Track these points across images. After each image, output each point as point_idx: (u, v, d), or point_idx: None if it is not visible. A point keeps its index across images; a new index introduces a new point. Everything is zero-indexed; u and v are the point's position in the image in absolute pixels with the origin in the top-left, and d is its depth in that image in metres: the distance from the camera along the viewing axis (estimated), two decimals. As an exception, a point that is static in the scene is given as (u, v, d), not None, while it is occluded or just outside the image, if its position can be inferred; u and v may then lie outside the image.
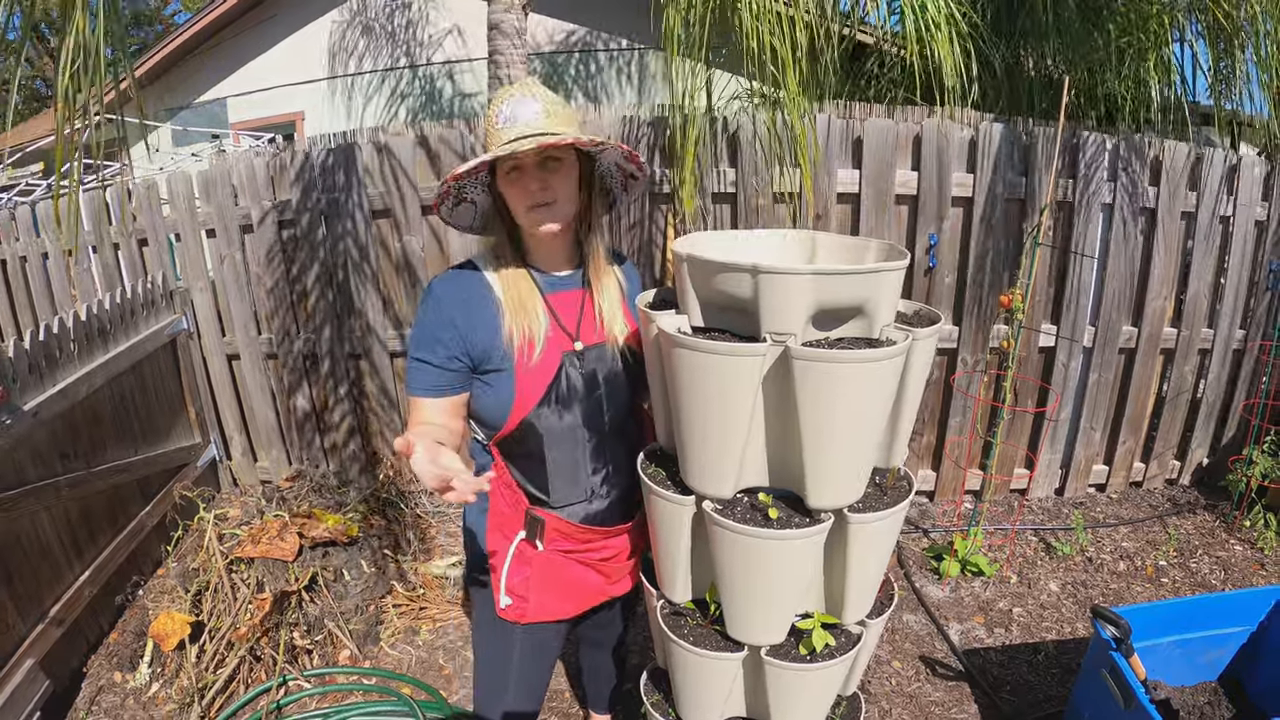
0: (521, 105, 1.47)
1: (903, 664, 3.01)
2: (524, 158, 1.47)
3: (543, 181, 1.49)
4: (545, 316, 1.59)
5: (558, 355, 1.59)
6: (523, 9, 3.18)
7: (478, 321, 1.55)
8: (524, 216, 1.53)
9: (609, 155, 1.60)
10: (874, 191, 3.61)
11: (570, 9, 7.69)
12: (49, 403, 3.02)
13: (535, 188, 1.49)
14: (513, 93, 1.50)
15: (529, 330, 1.56)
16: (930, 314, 1.47)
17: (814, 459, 1.30)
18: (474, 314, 1.56)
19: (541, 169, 1.49)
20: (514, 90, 1.50)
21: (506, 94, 1.50)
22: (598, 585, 1.80)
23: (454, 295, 1.58)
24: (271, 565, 3.10)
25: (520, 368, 1.56)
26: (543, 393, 1.57)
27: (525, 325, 1.55)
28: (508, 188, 1.52)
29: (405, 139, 3.74)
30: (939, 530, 3.90)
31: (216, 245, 4.06)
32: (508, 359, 1.55)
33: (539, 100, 1.49)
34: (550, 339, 1.58)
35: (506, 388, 1.57)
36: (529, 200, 1.50)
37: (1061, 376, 3.93)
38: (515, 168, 1.49)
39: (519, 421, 1.58)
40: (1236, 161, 3.75)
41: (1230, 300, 3.94)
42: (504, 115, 1.47)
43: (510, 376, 1.56)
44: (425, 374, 1.57)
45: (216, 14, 8.62)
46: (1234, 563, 3.56)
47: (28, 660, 2.72)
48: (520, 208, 1.52)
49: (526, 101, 1.48)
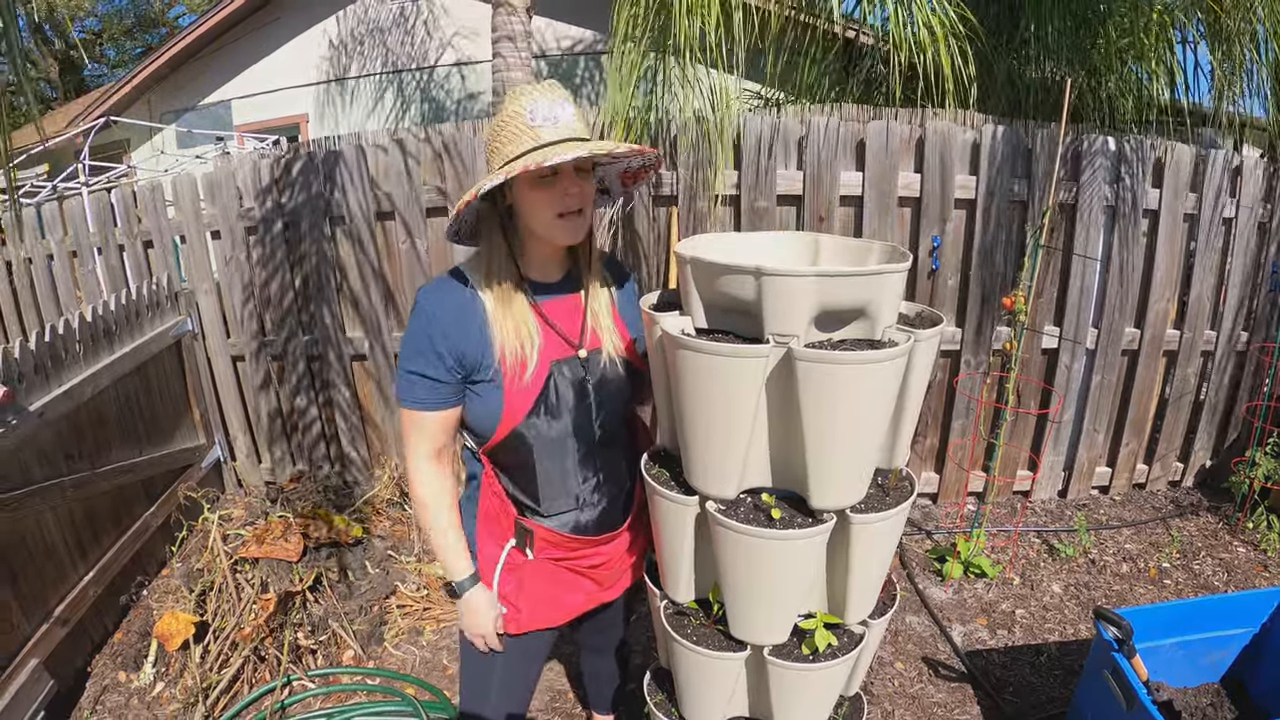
0: (559, 107, 1.41)
1: (905, 665, 3.02)
2: (570, 163, 1.41)
3: (579, 188, 1.45)
4: (539, 330, 1.54)
5: (547, 365, 1.54)
6: (526, 12, 3.19)
7: (468, 333, 1.50)
8: (548, 223, 1.47)
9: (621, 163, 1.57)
10: (877, 194, 3.62)
11: (577, 13, 7.71)
12: (54, 403, 3.03)
13: (574, 193, 1.44)
14: (544, 92, 1.43)
15: (522, 348, 1.51)
16: (932, 316, 1.47)
17: (817, 460, 1.31)
18: (465, 325, 1.50)
19: (578, 175, 1.45)
20: (543, 90, 1.43)
21: (536, 92, 1.43)
22: (589, 592, 1.79)
23: (445, 306, 1.52)
24: (276, 566, 3.11)
25: (510, 379, 1.52)
26: (531, 403, 1.53)
27: (517, 342, 1.51)
28: (531, 192, 1.44)
29: (410, 141, 3.76)
30: (942, 532, 3.90)
31: (221, 247, 4.08)
32: (497, 370, 1.51)
33: (571, 104, 1.44)
34: (543, 350, 1.54)
35: (495, 398, 1.53)
36: (561, 207, 1.44)
37: (1064, 378, 3.93)
38: (554, 172, 1.43)
39: (508, 431, 1.55)
40: (1239, 163, 3.76)
41: (1233, 302, 3.94)
42: (540, 113, 1.40)
43: (499, 387, 1.52)
44: (423, 387, 1.52)
45: (221, 17, 8.66)
46: (1237, 564, 3.56)
47: (32, 660, 2.73)
48: (547, 214, 1.45)
49: (562, 104, 1.42)
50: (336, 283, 4.00)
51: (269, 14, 8.82)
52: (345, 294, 4.02)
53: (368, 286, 3.98)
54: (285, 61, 8.99)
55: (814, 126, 3.54)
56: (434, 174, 3.80)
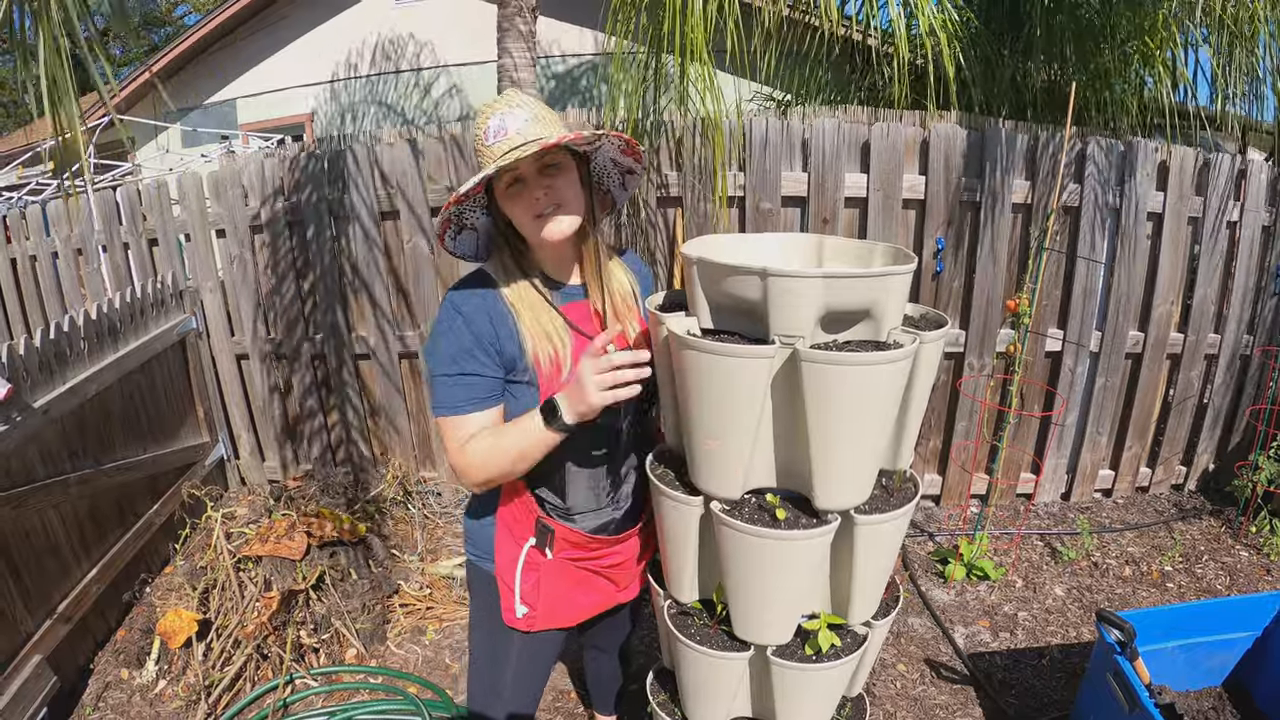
0: (509, 116, 1.44)
1: (908, 667, 3.02)
2: (524, 167, 1.43)
3: (546, 187, 1.45)
4: (567, 333, 1.55)
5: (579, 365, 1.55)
6: (532, 12, 3.19)
7: (502, 332, 1.51)
8: (531, 226, 1.48)
9: (606, 150, 1.57)
10: (881, 196, 3.61)
11: (587, 16, 7.71)
12: (59, 400, 3.04)
13: (540, 195, 1.44)
14: (496, 106, 1.46)
15: (556, 352, 1.52)
16: (937, 317, 1.47)
17: (821, 460, 1.31)
18: (499, 324, 1.51)
19: (542, 175, 1.45)
20: (497, 104, 1.47)
21: (490, 109, 1.46)
22: (606, 592, 1.79)
23: (478, 305, 1.52)
24: (279, 564, 3.12)
25: (545, 381, 1.52)
26: None
27: (550, 346, 1.52)
28: (511, 203, 1.48)
29: (420, 139, 3.76)
30: (945, 534, 3.90)
31: (226, 245, 4.09)
32: (531, 372, 1.52)
33: (525, 107, 1.46)
34: (574, 351, 1.55)
35: (530, 399, 1.52)
36: (535, 209, 1.45)
37: (1068, 381, 3.92)
38: (516, 180, 1.45)
39: None
40: (1244, 166, 3.75)
41: (1237, 306, 3.93)
42: (493, 130, 1.44)
43: (534, 388, 1.53)
44: (471, 386, 1.50)
45: (226, 15, 8.68)
46: (1240, 568, 3.56)
47: (35, 656, 2.74)
48: (527, 219, 1.47)
49: (513, 111, 1.44)
50: (344, 281, 4.00)
51: (275, 13, 8.84)
52: (353, 292, 4.03)
53: (376, 285, 3.98)
54: (291, 61, 9.01)
55: (818, 128, 3.54)
56: (444, 172, 3.81)
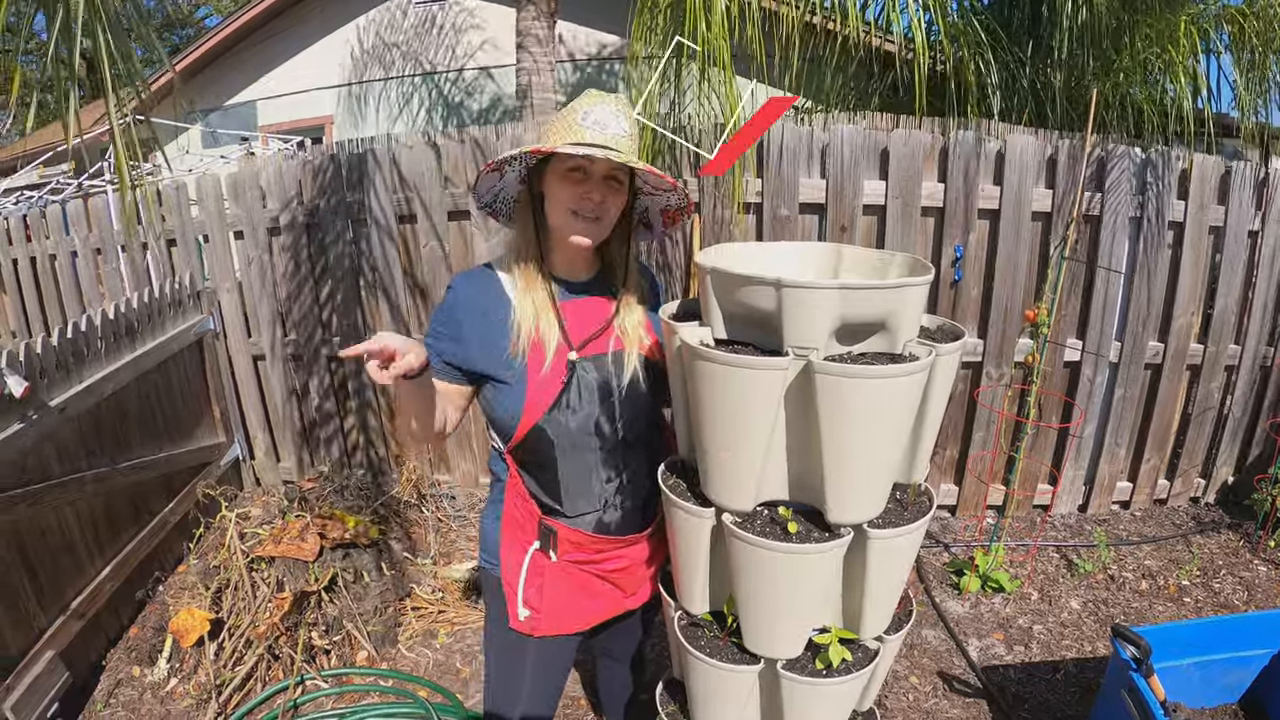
0: (613, 118, 1.48)
1: (920, 680, 2.99)
2: (599, 166, 1.48)
3: (601, 195, 1.50)
4: (558, 327, 1.58)
5: (564, 358, 1.58)
6: (550, 16, 3.20)
7: (492, 320, 1.57)
8: (563, 217, 1.52)
9: (658, 200, 1.64)
10: (900, 203, 3.59)
11: (606, 19, 7.72)
12: (76, 399, 3.06)
13: (596, 197, 1.49)
14: (605, 100, 1.50)
15: (538, 330, 1.56)
16: (954, 329, 1.46)
17: (834, 473, 1.30)
18: (491, 311, 1.57)
19: (605, 183, 1.50)
20: (610, 100, 1.50)
21: (602, 99, 1.50)
22: (612, 597, 1.79)
23: (472, 301, 1.60)
24: (292, 565, 3.13)
25: (531, 375, 1.55)
26: (553, 398, 1.56)
27: (534, 324, 1.56)
28: (559, 184, 1.51)
29: (441, 142, 3.77)
30: (960, 545, 3.87)
31: (244, 247, 4.11)
32: (519, 366, 1.55)
33: (627, 120, 1.50)
34: (561, 347, 1.58)
35: (518, 394, 1.56)
36: (579, 205, 1.50)
37: (1086, 392, 3.89)
38: (580, 169, 1.49)
39: (529, 428, 1.58)
40: (1266, 175, 3.71)
41: (1258, 317, 3.88)
42: (592, 117, 1.47)
43: (521, 383, 1.56)
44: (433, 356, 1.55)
45: (248, 17, 8.74)
46: (1258, 583, 3.51)
47: (48, 652, 2.76)
48: (564, 208, 1.51)
49: (619, 117, 1.49)
50: (362, 283, 4.02)
51: (296, 15, 8.89)
52: (371, 294, 4.04)
53: (395, 287, 4.00)
54: (311, 63, 9.05)
55: (837, 134, 3.52)
56: (464, 176, 3.81)
